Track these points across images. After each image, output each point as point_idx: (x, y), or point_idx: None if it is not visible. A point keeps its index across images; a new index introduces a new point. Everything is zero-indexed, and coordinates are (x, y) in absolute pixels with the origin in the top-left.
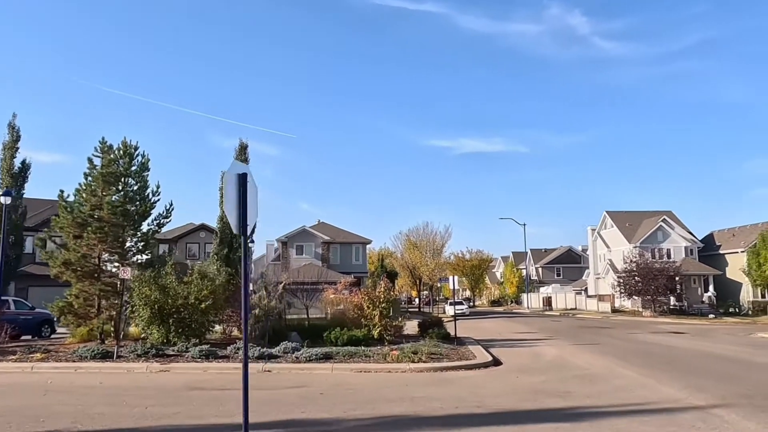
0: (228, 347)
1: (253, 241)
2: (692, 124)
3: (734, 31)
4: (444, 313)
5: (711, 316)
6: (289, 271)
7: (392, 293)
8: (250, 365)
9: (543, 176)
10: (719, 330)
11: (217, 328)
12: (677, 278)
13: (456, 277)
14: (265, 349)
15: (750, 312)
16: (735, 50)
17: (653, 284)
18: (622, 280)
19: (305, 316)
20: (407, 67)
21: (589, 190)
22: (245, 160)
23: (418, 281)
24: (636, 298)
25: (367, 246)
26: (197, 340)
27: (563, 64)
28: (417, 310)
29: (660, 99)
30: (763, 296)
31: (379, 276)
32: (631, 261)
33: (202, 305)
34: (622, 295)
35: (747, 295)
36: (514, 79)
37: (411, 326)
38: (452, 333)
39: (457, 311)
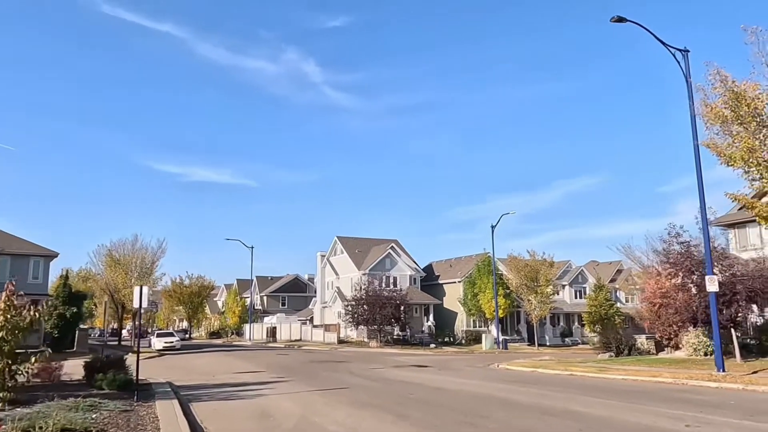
0: None
1: None
2: (415, 168)
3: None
4: (149, 346)
5: (432, 345)
6: None
7: (26, 315)
8: None
9: (271, 208)
10: (456, 361)
11: None
12: (402, 307)
13: (145, 288)
14: None
15: (464, 341)
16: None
17: (381, 313)
18: (351, 308)
19: None
20: (136, 85)
21: (318, 222)
22: None
23: (120, 308)
24: (362, 327)
25: (53, 261)
26: None
27: (297, 106)
28: (117, 343)
29: (372, 148)
30: (476, 326)
31: (61, 299)
32: (360, 288)
33: None
34: (350, 324)
35: (461, 324)
36: (246, 112)
37: (76, 367)
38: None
39: (165, 344)
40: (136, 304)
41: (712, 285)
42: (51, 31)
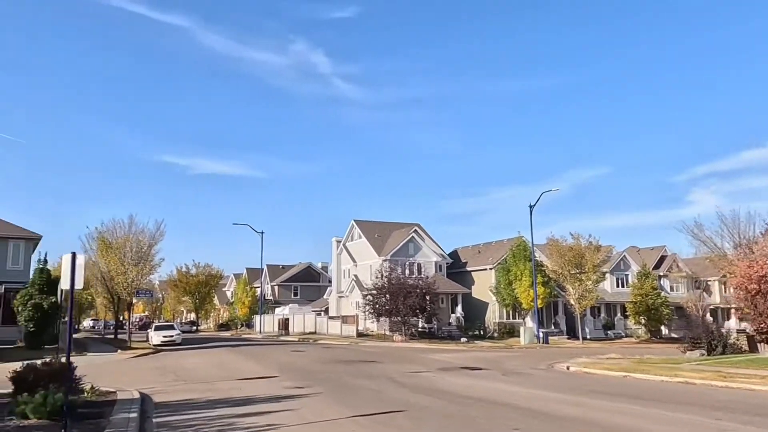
0: None
1: None
2: (411, 162)
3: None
4: (147, 341)
5: (463, 339)
6: None
7: None
8: None
9: (281, 198)
10: (508, 361)
11: None
12: (428, 297)
13: (80, 257)
14: None
15: (496, 335)
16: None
17: (405, 303)
18: (372, 298)
19: None
20: (145, 78)
21: (331, 208)
22: None
23: (116, 299)
24: (384, 319)
25: (37, 244)
26: None
27: (304, 97)
28: (113, 337)
29: (378, 140)
30: (509, 317)
31: (38, 286)
32: (381, 275)
33: None
34: (370, 315)
35: (493, 315)
36: (254, 104)
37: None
38: (92, 388)
39: (164, 339)
40: (65, 283)
41: None
42: (55, 24)
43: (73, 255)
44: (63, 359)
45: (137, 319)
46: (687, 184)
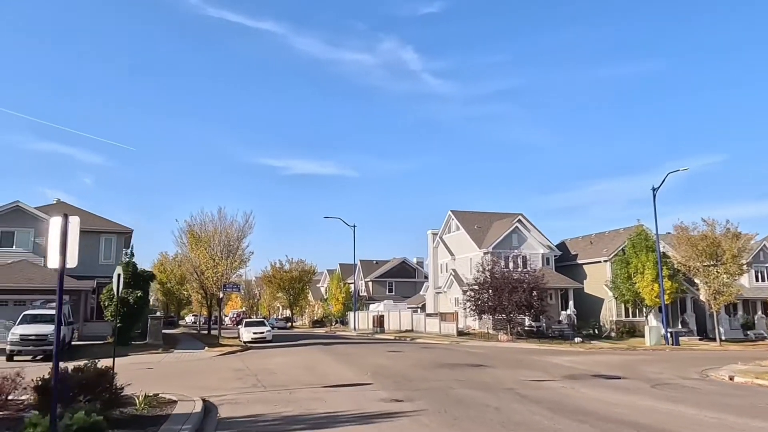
0: None
1: None
2: (492, 156)
3: (529, 81)
4: (238, 337)
5: (577, 339)
6: None
7: None
8: None
9: (372, 196)
10: (645, 366)
11: None
12: (534, 292)
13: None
14: None
15: (613, 334)
16: (530, 98)
17: (511, 298)
18: (473, 294)
19: None
20: (238, 83)
21: (424, 203)
22: None
23: (208, 294)
24: (486, 317)
25: (129, 239)
26: None
27: (394, 95)
28: (207, 333)
29: (468, 136)
30: (628, 315)
31: (125, 281)
32: (484, 269)
33: None
34: (472, 312)
35: (609, 313)
36: (346, 104)
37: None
38: (146, 397)
39: (254, 336)
40: (53, 259)
41: None
42: (160, 35)
43: (65, 216)
44: (105, 363)
45: (234, 315)
46: None
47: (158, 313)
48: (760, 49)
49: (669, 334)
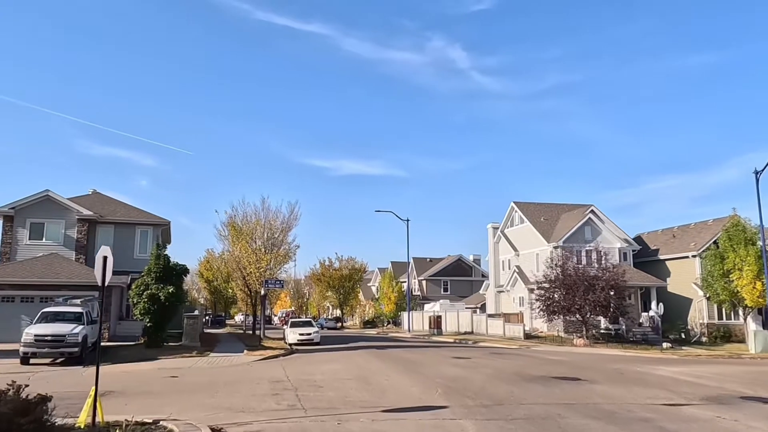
0: None
1: None
2: (551, 153)
3: (585, 76)
4: (283, 338)
5: (666, 345)
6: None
7: None
8: None
9: (425, 193)
10: None
11: None
12: (613, 292)
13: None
14: None
15: (705, 338)
16: (586, 92)
17: (587, 298)
18: (544, 293)
19: None
20: (288, 85)
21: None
22: None
23: (252, 291)
24: (557, 318)
25: (167, 231)
26: None
27: (442, 94)
28: (252, 333)
29: (524, 132)
30: (720, 317)
31: (154, 275)
32: (554, 265)
33: None
34: (540, 313)
35: (698, 314)
36: (393, 104)
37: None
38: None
39: (300, 337)
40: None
41: None
42: (214, 41)
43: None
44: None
45: (283, 315)
46: None
47: (196, 311)
48: None
49: None
